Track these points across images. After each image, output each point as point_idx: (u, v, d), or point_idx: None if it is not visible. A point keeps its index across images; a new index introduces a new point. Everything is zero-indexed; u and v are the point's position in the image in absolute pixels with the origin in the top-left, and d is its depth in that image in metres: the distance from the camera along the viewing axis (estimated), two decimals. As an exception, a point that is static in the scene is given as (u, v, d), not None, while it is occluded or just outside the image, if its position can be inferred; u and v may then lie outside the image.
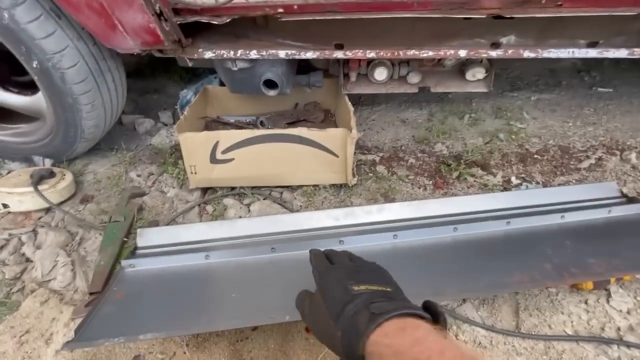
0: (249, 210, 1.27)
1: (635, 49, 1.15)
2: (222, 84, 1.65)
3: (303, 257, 1.03)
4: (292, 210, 1.27)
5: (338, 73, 1.45)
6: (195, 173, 1.27)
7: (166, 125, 1.80)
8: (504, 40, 1.21)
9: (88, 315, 0.85)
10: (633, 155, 1.42)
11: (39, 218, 1.25)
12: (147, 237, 1.10)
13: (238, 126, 1.56)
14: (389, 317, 0.38)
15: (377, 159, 1.52)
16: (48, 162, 1.45)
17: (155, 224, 1.23)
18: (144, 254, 1.06)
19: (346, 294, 0.45)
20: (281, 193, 1.35)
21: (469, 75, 1.38)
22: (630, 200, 1.22)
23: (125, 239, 1.15)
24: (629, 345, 0.86)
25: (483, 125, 1.70)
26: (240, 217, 1.24)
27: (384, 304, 0.41)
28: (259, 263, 1.03)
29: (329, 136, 1.25)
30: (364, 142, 1.64)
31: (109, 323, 0.85)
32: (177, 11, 1.12)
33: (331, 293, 0.48)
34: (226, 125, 1.57)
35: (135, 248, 1.08)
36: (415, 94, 1.61)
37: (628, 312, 0.94)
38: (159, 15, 1.08)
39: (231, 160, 1.26)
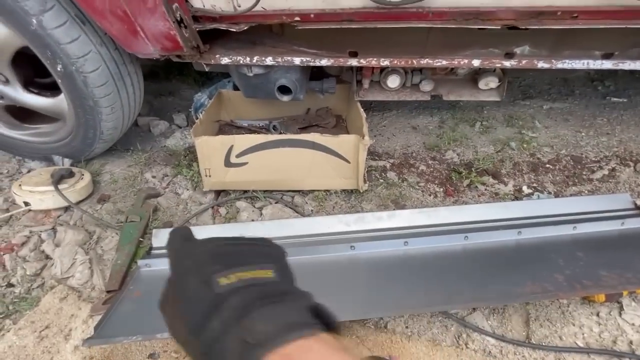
0: (261, 214, 1.29)
1: (651, 61, 1.14)
2: (235, 88, 1.68)
3: (314, 262, 1.06)
4: (303, 215, 1.29)
5: (351, 80, 1.47)
6: (210, 176, 1.29)
7: (180, 127, 1.84)
8: (518, 50, 1.21)
9: (107, 313, 0.88)
10: (647, 167, 1.41)
11: (58, 216, 1.29)
12: (162, 238, 1.13)
13: (251, 130, 1.59)
14: (270, 349, 0.26)
15: (388, 165, 1.53)
16: (67, 162, 1.49)
17: (169, 224, 1.26)
18: (159, 255, 1.09)
19: (207, 291, 0.31)
20: (293, 197, 1.37)
21: (481, 84, 1.39)
22: (644, 212, 1.21)
23: (141, 239, 1.18)
24: (641, 359, 0.85)
25: (494, 133, 1.70)
26: (253, 220, 1.26)
27: (262, 320, 0.28)
28: (271, 266, 1.04)
29: (341, 142, 1.27)
30: (375, 148, 1.65)
31: (126, 321, 0.88)
32: (196, 18, 1.15)
33: (186, 288, 0.32)
34: (239, 129, 1.60)
35: (151, 248, 1.11)
36: (427, 101, 1.62)
37: (641, 326, 0.94)
38: (179, 22, 1.11)
39: (245, 164, 1.29)
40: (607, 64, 1.17)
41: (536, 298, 0.96)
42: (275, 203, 1.34)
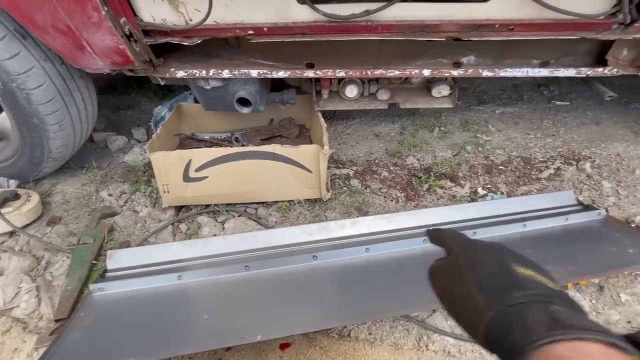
0: (224, 228, 1.27)
1: (582, 68, 1.25)
2: (196, 100, 1.66)
3: (276, 274, 1.05)
4: (267, 227, 1.28)
5: (311, 90, 1.49)
6: (168, 192, 1.26)
7: (140, 142, 1.78)
8: (464, 60, 1.28)
9: (52, 344, 0.83)
10: (587, 165, 1.52)
11: (2, 242, 1.20)
12: (117, 259, 1.08)
13: (213, 143, 1.57)
14: (576, 337, 0.28)
15: (352, 172, 1.55)
16: (13, 184, 1.40)
17: (126, 244, 1.21)
18: (113, 277, 1.04)
19: (507, 272, 0.36)
20: (256, 209, 1.36)
21: (435, 92, 1.45)
22: (585, 207, 1.31)
23: (95, 262, 1.12)
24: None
25: (452, 137, 1.78)
26: (215, 235, 1.24)
27: (568, 312, 0.31)
28: (232, 281, 1.03)
29: (302, 153, 1.28)
30: (339, 156, 1.68)
31: (75, 351, 0.83)
32: (147, 32, 1.13)
33: (484, 262, 0.38)
34: (200, 142, 1.57)
35: (105, 271, 1.06)
36: (385, 109, 1.67)
37: (584, 315, 1.00)
38: (129, 36, 1.08)
39: (205, 178, 1.26)
40: (544, 72, 1.27)
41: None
42: (239, 216, 1.32)
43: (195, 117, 1.67)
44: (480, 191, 1.45)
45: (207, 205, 1.34)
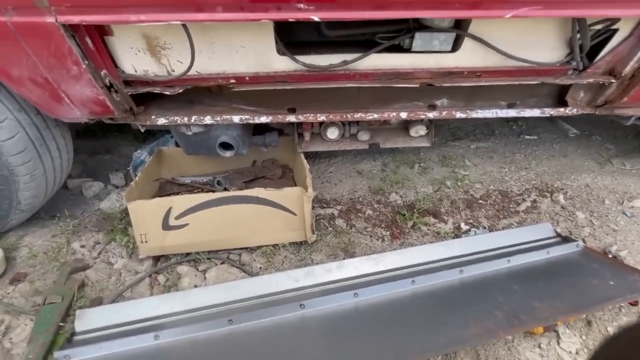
0: (205, 278, 1.21)
1: (545, 109, 1.34)
2: (178, 144, 1.65)
3: (262, 328, 1.00)
4: (251, 274, 1.23)
5: (293, 133, 1.51)
6: (146, 242, 1.20)
7: (117, 187, 1.73)
8: (438, 102, 1.35)
9: None
10: (561, 197, 1.59)
11: (-44, 306, 1.09)
12: (87, 320, 1.00)
13: (194, 186, 1.54)
14: None
15: (336, 212, 1.55)
16: (-26, 238, 1.30)
17: (98, 301, 1.13)
18: (82, 341, 0.95)
19: None
20: (240, 255, 1.31)
21: (412, 132, 1.51)
22: (564, 239, 1.35)
23: (62, 324, 1.03)
24: (581, 388, 0.89)
25: (432, 173, 1.83)
26: (196, 286, 1.17)
27: None
28: (215, 339, 0.96)
29: (286, 195, 1.27)
30: (323, 195, 1.68)
31: None
32: (128, 82, 1.13)
33: None
34: (181, 186, 1.54)
35: (73, 334, 0.97)
36: (368, 148, 1.71)
37: (577, 353, 0.99)
38: (109, 87, 1.08)
39: (185, 225, 1.22)
40: (512, 112, 1.35)
41: (480, 341, 0.98)
42: (221, 264, 1.27)
43: (177, 161, 1.64)
44: (463, 226, 1.47)
45: (188, 254, 1.28)
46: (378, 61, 1.17)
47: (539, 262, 1.23)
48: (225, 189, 1.51)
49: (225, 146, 1.40)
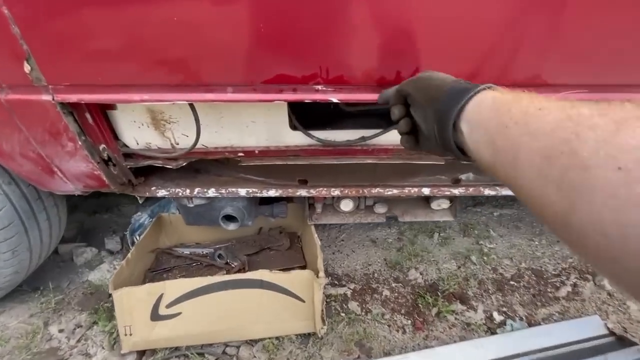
0: (195, 382, 1.02)
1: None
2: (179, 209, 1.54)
3: None
4: (249, 377, 1.04)
5: (303, 203, 1.40)
6: (131, 334, 1.04)
7: (112, 253, 1.60)
8: (463, 177, 1.23)
9: None
10: (606, 281, 1.40)
11: None
12: None
13: (193, 259, 1.40)
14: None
15: (349, 292, 1.38)
16: (-59, 319, 1.16)
17: (65, 412, 0.94)
18: None
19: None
20: (238, 349, 1.13)
21: (434, 205, 1.38)
22: (619, 338, 1.14)
23: None
24: None
25: (453, 244, 1.67)
26: (183, 393, 0.99)
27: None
28: None
29: (293, 279, 1.12)
30: (334, 269, 1.52)
31: None
32: (128, 155, 1.05)
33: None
34: (179, 258, 1.40)
35: None
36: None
37: None
38: (107, 161, 1.00)
39: (178, 314, 1.06)
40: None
41: None
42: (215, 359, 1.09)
43: (177, 228, 1.52)
44: (496, 316, 1.28)
45: (177, 348, 1.11)
46: (397, 136, 1.07)
47: (598, 375, 1.02)
48: (227, 264, 1.37)
49: (229, 218, 1.28)
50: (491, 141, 0.36)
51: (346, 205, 1.35)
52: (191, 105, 0.89)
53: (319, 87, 0.79)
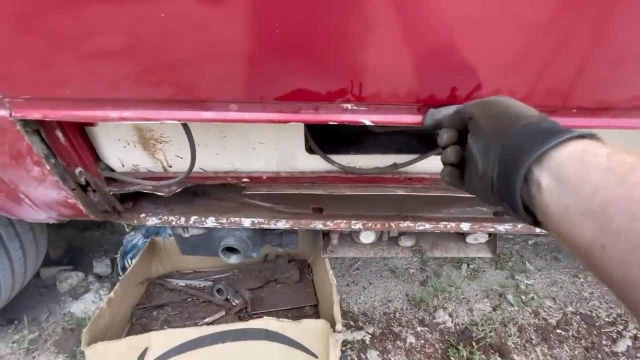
0: None
1: None
2: (176, 232, 1.37)
3: None
4: None
5: (316, 233, 1.21)
6: (107, 397, 0.86)
7: (100, 278, 1.43)
8: (508, 209, 1.04)
9: None
10: (673, 334, 1.18)
11: None
12: None
13: (188, 293, 1.22)
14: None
15: (367, 338, 1.18)
16: None
17: None
18: None
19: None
20: (236, 412, 0.94)
21: (470, 239, 1.18)
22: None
23: None
24: None
25: (485, 278, 1.46)
26: None
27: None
28: None
29: (305, 330, 0.94)
30: (349, 304, 1.33)
31: None
32: (112, 179, 0.88)
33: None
34: (172, 292, 1.23)
35: None
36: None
37: None
38: (84, 187, 0.83)
39: (164, 372, 0.88)
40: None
41: None
42: None
43: (172, 254, 1.35)
44: (545, 376, 1.07)
45: (164, 412, 0.92)
46: (436, 163, 0.89)
47: None
48: (227, 300, 1.19)
49: (231, 249, 1.10)
50: (606, 217, 0.26)
51: (367, 237, 1.16)
52: (186, 129, 0.71)
53: (349, 105, 0.61)
